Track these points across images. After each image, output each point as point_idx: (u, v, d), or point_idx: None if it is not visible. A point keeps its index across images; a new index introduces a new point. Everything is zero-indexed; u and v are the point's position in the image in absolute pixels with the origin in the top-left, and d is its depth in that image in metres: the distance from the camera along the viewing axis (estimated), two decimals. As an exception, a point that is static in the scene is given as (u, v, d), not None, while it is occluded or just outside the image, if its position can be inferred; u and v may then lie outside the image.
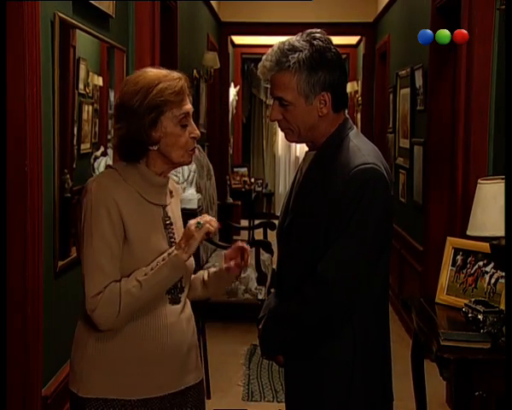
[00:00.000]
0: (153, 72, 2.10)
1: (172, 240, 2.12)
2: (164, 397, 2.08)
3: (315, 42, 2.01)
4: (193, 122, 2.13)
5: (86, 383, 2.04)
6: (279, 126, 2.12)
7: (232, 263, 2.17)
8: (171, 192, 2.20)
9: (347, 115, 2.14)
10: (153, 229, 2.08)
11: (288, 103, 2.03)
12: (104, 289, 1.96)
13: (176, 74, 2.11)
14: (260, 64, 2.06)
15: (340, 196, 1.96)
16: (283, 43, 2.03)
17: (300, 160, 2.24)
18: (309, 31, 2.05)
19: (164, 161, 2.10)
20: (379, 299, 2.12)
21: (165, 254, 2.03)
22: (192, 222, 2.07)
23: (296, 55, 1.99)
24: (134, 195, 2.06)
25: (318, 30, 2.06)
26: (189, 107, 2.10)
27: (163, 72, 2.10)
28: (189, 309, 2.18)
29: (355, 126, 2.15)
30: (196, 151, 2.12)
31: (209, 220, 2.08)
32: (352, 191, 1.96)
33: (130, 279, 1.98)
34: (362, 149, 2.03)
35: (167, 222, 2.13)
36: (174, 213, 2.18)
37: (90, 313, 1.97)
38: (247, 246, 2.18)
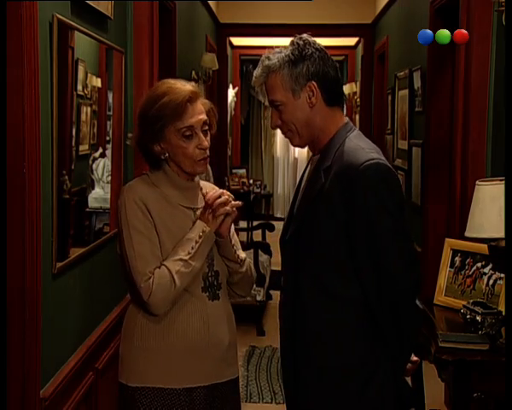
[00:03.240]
0: (166, 84, 2.18)
1: None
2: (207, 387, 2.18)
3: (295, 40, 2.09)
4: (201, 133, 2.16)
5: (134, 373, 2.15)
6: (282, 132, 2.16)
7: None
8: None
9: (347, 118, 2.16)
10: (183, 230, 2.16)
11: (280, 103, 2.08)
12: (152, 275, 2.06)
13: (187, 87, 2.17)
14: (253, 77, 2.13)
15: (352, 195, 1.95)
16: (269, 52, 2.11)
17: (299, 161, 2.26)
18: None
19: (180, 169, 2.18)
20: None
21: (200, 232, 2.12)
22: (214, 196, 2.15)
23: (277, 56, 2.07)
24: (163, 197, 2.16)
25: (304, 34, 2.13)
26: (194, 120, 2.14)
27: (177, 84, 2.17)
28: (229, 307, 2.29)
29: (356, 128, 2.17)
30: None
31: (228, 196, 2.18)
32: (365, 186, 1.95)
33: (174, 260, 2.09)
34: (365, 147, 2.04)
35: None
36: None
37: (146, 300, 2.07)
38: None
